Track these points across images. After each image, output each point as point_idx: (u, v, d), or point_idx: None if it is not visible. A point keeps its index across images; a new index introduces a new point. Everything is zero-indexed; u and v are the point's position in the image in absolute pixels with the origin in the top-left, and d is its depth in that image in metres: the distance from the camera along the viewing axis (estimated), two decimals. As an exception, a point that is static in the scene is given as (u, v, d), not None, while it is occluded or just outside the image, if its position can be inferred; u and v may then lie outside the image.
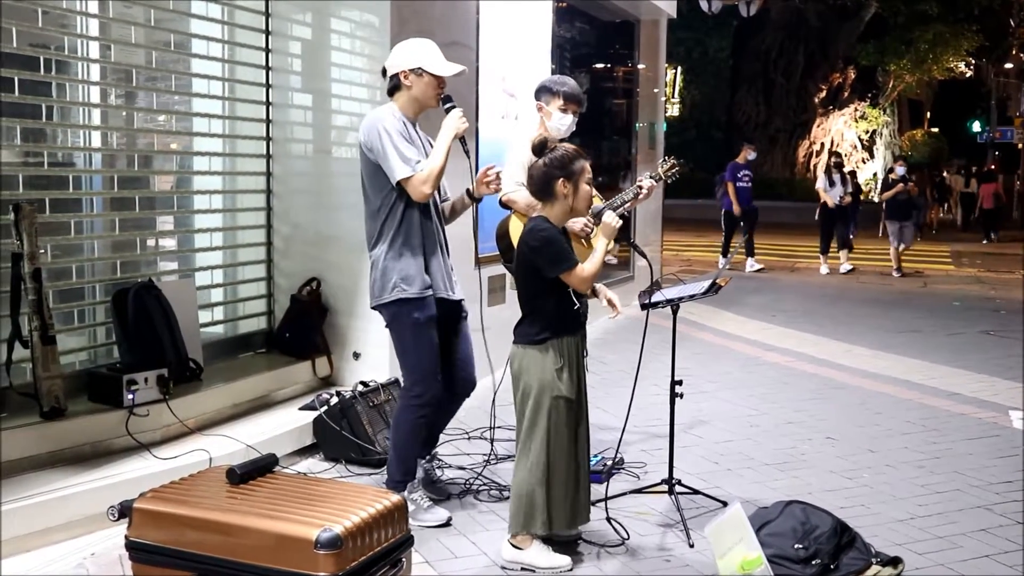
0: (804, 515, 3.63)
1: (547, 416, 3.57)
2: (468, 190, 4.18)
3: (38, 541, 3.60)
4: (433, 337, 4.04)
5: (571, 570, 3.61)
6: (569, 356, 3.63)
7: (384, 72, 4.08)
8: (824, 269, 13.96)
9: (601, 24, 10.64)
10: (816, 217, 14.19)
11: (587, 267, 3.56)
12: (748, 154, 13.82)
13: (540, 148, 3.66)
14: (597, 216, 3.76)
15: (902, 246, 13.85)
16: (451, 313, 4.15)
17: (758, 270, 13.76)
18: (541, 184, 3.63)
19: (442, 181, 4.08)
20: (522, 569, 3.60)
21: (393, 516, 3.08)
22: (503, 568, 3.63)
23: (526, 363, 3.61)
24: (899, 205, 13.84)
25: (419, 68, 3.98)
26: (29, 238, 3.97)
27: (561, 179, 3.58)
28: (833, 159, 14.81)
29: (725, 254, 14.01)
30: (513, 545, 3.63)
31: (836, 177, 13.95)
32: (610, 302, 3.88)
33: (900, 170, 14.13)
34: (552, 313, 3.61)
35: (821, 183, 14.12)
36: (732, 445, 5.32)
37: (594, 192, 4.75)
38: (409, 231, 3.98)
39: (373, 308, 4.11)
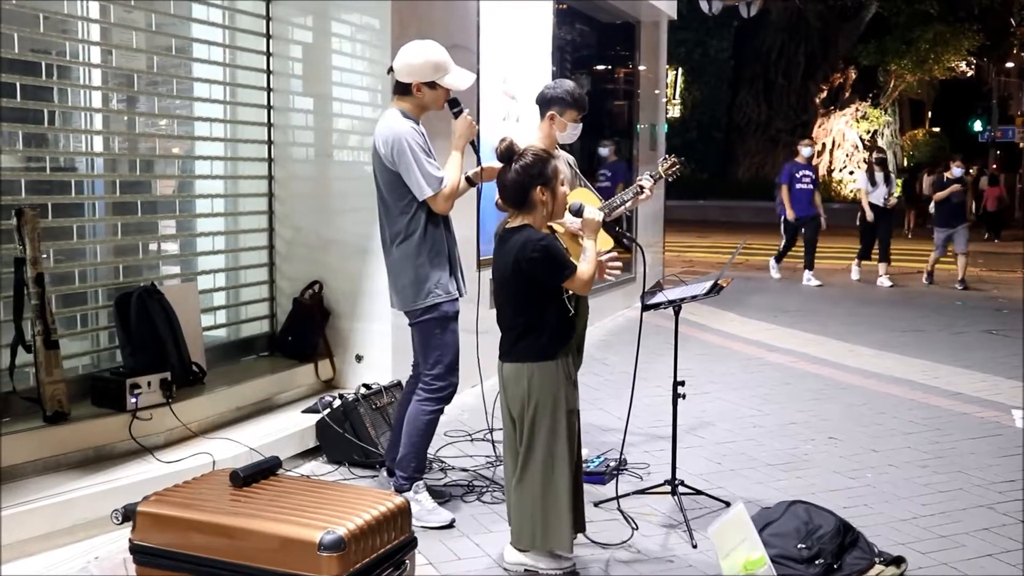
0: (807, 515, 3.63)
1: (566, 433, 3.49)
2: (467, 176, 4.19)
3: (42, 545, 3.61)
4: (457, 332, 4.13)
5: (574, 570, 3.61)
6: (571, 367, 3.59)
7: (390, 70, 4.09)
8: (855, 274, 12.83)
9: (601, 26, 10.65)
10: (857, 221, 12.71)
11: (585, 268, 3.47)
12: (804, 150, 12.35)
13: (508, 155, 3.49)
14: (578, 212, 3.64)
15: (959, 255, 12.19)
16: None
17: (818, 286, 12.20)
18: (517, 194, 3.47)
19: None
20: (525, 571, 3.59)
21: (396, 518, 3.09)
22: (505, 570, 3.63)
23: (538, 380, 3.46)
24: (953, 208, 12.06)
25: (432, 82, 4.02)
26: (32, 243, 3.98)
27: (539, 187, 3.46)
28: (876, 155, 13.04)
29: (779, 260, 12.95)
30: (517, 548, 3.62)
31: (879, 176, 12.25)
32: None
33: (957, 171, 12.18)
34: (555, 324, 3.50)
35: (862, 183, 12.57)
36: (735, 445, 5.32)
37: (594, 192, 4.79)
38: (436, 237, 4.05)
39: (405, 311, 4.14)
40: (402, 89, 4.06)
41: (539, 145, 3.96)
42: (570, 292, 3.66)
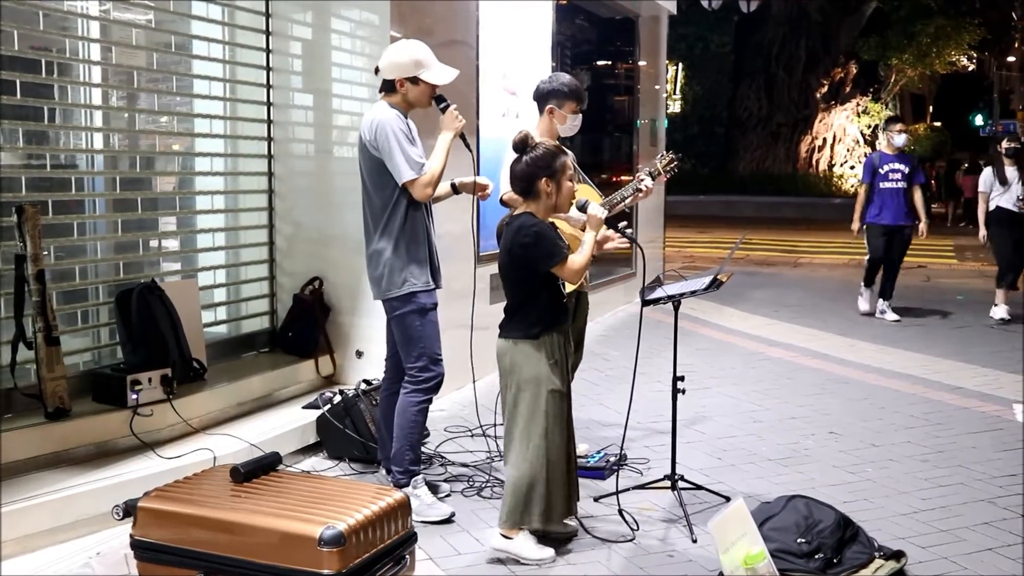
0: (807, 509, 3.64)
1: (544, 410, 3.61)
2: (453, 184, 4.31)
3: (43, 541, 3.62)
4: (437, 323, 4.16)
5: (555, 562, 3.64)
6: (559, 349, 3.69)
7: (377, 70, 4.16)
8: (1002, 312, 9.07)
9: (601, 21, 10.64)
10: (981, 234, 9.35)
11: (577, 259, 3.62)
12: (894, 138, 8.99)
13: (522, 146, 3.69)
14: (583, 208, 3.81)
15: None
16: None
17: (894, 321, 9.15)
18: (524, 183, 3.67)
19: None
20: (507, 557, 3.63)
21: (396, 513, 3.10)
22: (492, 551, 3.67)
23: (520, 357, 3.63)
24: None
25: (415, 77, 4.08)
26: (32, 240, 3.99)
27: (544, 178, 3.63)
28: (1007, 144, 9.12)
29: (869, 283, 9.51)
30: (502, 535, 3.66)
31: (1011, 172, 8.93)
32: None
33: None
34: (544, 306, 3.66)
35: (986, 184, 9.16)
36: (735, 440, 5.33)
37: (595, 188, 4.79)
38: (414, 228, 4.10)
39: (383, 300, 4.18)
40: (388, 86, 4.15)
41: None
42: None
